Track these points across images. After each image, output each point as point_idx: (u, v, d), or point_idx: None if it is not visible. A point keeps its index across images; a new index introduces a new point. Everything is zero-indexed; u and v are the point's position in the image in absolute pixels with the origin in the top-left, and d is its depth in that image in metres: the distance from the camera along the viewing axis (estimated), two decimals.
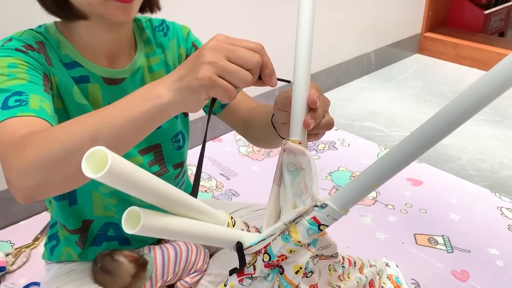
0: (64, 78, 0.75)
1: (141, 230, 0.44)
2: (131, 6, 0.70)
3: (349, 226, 1.56)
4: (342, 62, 2.64)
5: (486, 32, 3.17)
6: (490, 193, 1.75)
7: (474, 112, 0.44)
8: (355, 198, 0.54)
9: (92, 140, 0.54)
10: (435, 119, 0.46)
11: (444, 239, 1.51)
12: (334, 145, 2.07)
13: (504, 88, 0.42)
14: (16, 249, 1.40)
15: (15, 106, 0.62)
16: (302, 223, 0.57)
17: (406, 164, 0.49)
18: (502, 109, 2.44)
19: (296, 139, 0.61)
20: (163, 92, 0.54)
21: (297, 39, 0.63)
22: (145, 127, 0.56)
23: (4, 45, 0.70)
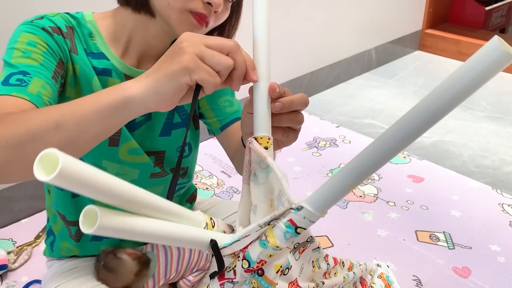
0: (86, 67, 0.75)
1: (98, 229, 0.42)
2: (200, 29, 0.71)
3: (350, 223, 1.56)
4: (343, 59, 2.64)
5: (487, 28, 3.16)
6: (491, 189, 1.75)
7: (448, 110, 0.41)
8: (331, 199, 0.52)
9: (56, 126, 0.53)
10: (410, 116, 0.44)
11: (446, 235, 1.51)
12: (335, 142, 2.07)
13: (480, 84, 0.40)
14: (17, 247, 1.40)
15: (14, 85, 0.62)
16: (279, 226, 0.55)
17: (383, 163, 0.47)
18: (504, 105, 2.43)
19: (265, 135, 0.58)
20: (131, 84, 0.53)
21: (254, 32, 0.59)
22: (110, 119, 0.54)
23: (33, 21, 0.71)
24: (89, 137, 0.55)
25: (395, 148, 0.46)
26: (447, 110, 0.41)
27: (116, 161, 0.81)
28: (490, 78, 0.39)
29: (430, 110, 0.42)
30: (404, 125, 0.44)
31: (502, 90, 2.59)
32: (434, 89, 0.42)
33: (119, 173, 0.82)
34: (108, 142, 0.78)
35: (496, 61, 0.38)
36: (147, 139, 0.83)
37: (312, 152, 1.99)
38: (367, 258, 1.40)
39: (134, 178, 0.84)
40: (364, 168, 0.48)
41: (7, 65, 0.66)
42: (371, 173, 0.49)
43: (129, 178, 0.84)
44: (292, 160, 1.92)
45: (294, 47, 2.32)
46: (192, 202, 1.04)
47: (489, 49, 0.38)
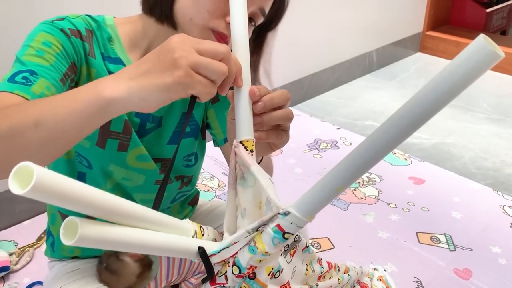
0: (102, 72, 0.75)
1: (79, 241, 0.41)
2: None
3: (352, 225, 1.56)
4: (344, 61, 2.64)
5: (488, 30, 3.16)
6: (492, 191, 1.75)
7: (435, 110, 0.40)
8: (319, 204, 0.51)
9: (35, 124, 0.52)
10: (396, 117, 0.42)
11: (447, 237, 1.51)
12: (336, 144, 2.07)
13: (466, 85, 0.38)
14: (19, 249, 1.41)
15: (19, 83, 0.62)
16: (267, 232, 0.54)
17: (371, 165, 0.46)
18: (505, 107, 2.44)
19: (250, 138, 0.57)
20: (112, 86, 0.51)
21: (233, 36, 0.59)
22: (90, 120, 0.53)
23: (54, 21, 0.71)
24: (69, 136, 0.54)
25: (383, 149, 0.45)
26: (434, 110, 0.40)
27: (123, 166, 0.81)
28: (476, 77, 0.38)
29: (417, 111, 0.41)
30: (390, 126, 0.43)
31: (502, 91, 2.59)
32: (420, 91, 0.40)
33: (125, 178, 0.82)
34: (118, 147, 0.78)
35: (483, 61, 0.37)
36: (155, 146, 0.83)
37: (313, 154, 1.99)
38: (368, 260, 1.40)
39: (139, 184, 0.84)
40: (352, 170, 0.47)
41: (17, 61, 0.66)
42: (360, 175, 0.47)
43: (135, 184, 0.84)
44: (293, 162, 1.92)
45: (296, 49, 2.32)
46: (193, 205, 1.04)
47: (475, 48, 0.37)
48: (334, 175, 0.49)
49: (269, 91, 0.60)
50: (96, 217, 0.46)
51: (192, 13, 0.70)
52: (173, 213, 0.96)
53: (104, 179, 0.82)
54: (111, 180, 0.82)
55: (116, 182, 0.83)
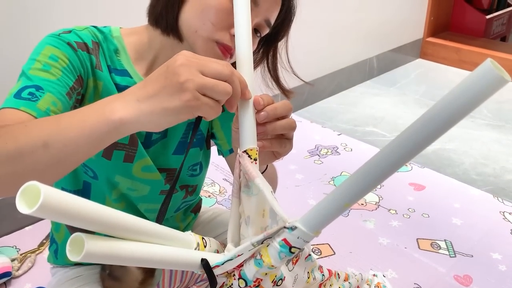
0: (109, 84, 0.75)
1: (86, 257, 0.42)
2: (223, 60, 0.71)
3: (352, 231, 1.57)
4: (345, 67, 2.65)
5: (488, 36, 3.18)
6: (492, 197, 1.76)
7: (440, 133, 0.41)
8: (326, 219, 0.51)
9: (44, 146, 0.52)
10: (402, 138, 0.43)
11: (447, 243, 1.52)
12: (337, 150, 2.08)
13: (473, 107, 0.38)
14: (21, 254, 1.41)
15: (25, 99, 0.62)
16: (273, 246, 0.54)
17: (377, 183, 0.46)
18: (505, 113, 2.44)
19: (254, 147, 0.58)
20: (121, 108, 0.51)
21: (237, 47, 0.60)
22: (98, 141, 0.53)
23: (61, 35, 0.71)
24: (78, 156, 0.55)
25: (388, 169, 0.45)
26: (439, 133, 0.41)
27: (129, 177, 0.81)
28: (482, 101, 0.38)
29: (422, 134, 0.41)
30: (397, 147, 0.44)
31: (502, 98, 2.60)
32: (425, 113, 0.41)
33: (130, 188, 0.83)
34: (124, 158, 0.79)
35: (489, 85, 0.37)
36: (160, 156, 0.84)
37: (314, 160, 2.00)
38: (368, 266, 1.41)
39: (144, 194, 0.85)
40: (359, 187, 0.47)
41: (23, 76, 0.66)
42: (367, 192, 0.48)
43: (140, 194, 0.84)
44: (294, 168, 1.93)
45: (296, 55, 2.33)
46: (196, 213, 1.04)
47: (482, 72, 0.37)
48: (341, 191, 0.49)
49: (273, 101, 0.61)
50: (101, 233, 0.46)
51: (197, 25, 0.71)
52: (176, 221, 0.97)
53: (109, 189, 0.82)
54: (116, 190, 0.83)
55: (121, 192, 0.83)
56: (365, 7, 2.62)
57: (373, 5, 2.67)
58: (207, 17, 0.70)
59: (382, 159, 0.45)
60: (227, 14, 0.69)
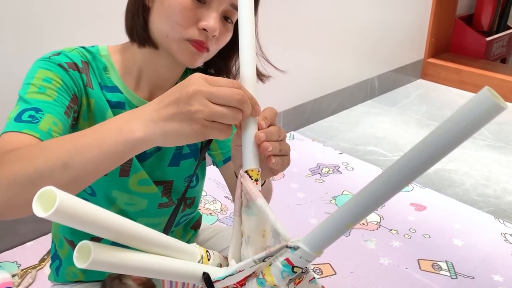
0: (101, 101, 0.77)
1: (92, 264, 0.44)
2: (201, 55, 0.74)
3: (353, 251, 1.56)
4: (346, 86, 2.68)
5: (488, 58, 3.21)
6: (493, 219, 1.76)
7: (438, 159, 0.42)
8: (328, 239, 0.51)
9: (63, 167, 0.54)
10: (401, 162, 0.44)
11: (448, 265, 1.51)
12: (338, 169, 2.09)
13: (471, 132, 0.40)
14: (22, 270, 1.41)
15: (26, 121, 0.64)
16: (276, 265, 0.55)
17: (379, 204, 0.47)
18: (506, 134, 2.45)
19: (255, 168, 0.59)
20: (138, 128, 0.54)
21: (241, 69, 0.61)
22: (117, 159, 0.56)
23: (51, 57, 0.73)
24: (96, 174, 0.57)
25: (390, 191, 0.46)
26: (438, 157, 0.42)
27: (126, 191, 0.82)
28: (479, 128, 0.39)
29: (422, 158, 0.43)
30: (398, 170, 0.45)
31: (503, 119, 2.62)
32: (425, 137, 0.43)
33: (128, 203, 0.84)
34: (119, 172, 0.80)
35: (486, 112, 0.38)
36: (156, 169, 0.85)
37: (316, 179, 2.01)
38: (369, 286, 1.40)
39: (142, 208, 0.85)
40: (362, 208, 0.48)
41: (21, 100, 0.68)
42: (369, 213, 0.49)
43: (138, 208, 0.85)
44: (295, 186, 1.93)
45: (298, 74, 2.36)
46: (196, 229, 1.05)
47: (479, 99, 0.38)
48: (344, 211, 0.50)
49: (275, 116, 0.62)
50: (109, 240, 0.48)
51: (166, 30, 0.73)
52: (176, 237, 0.97)
53: (108, 205, 0.83)
54: (115, 206, 0.84)
55: (120, 208, 0.84)
56: (367, 28, 2.66)
57: (374, 26, 2.70)
58: (173, 19, 0.71)
59: (383, 181, 0.47)
60: (190, 10, 0.71)
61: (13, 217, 0.58)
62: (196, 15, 0.71)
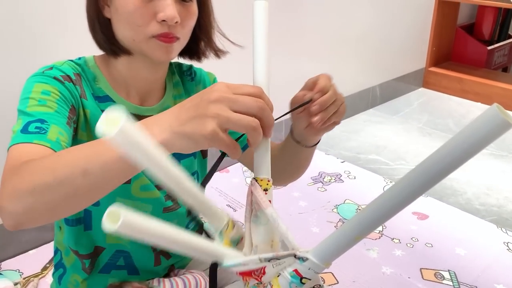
0: (96, 111, 0.78)
1: (121, 227, 0.46)
2: (172, 47, 0.73)
3: (355, 260, 1.56)
4: (348, 95, 2.69)
5: (489, 67, 3.22)
6: (496, 228, 1.76)
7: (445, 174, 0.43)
8: (337, 251, 0.52)
9: (83, 174, 0.55)
10: (417, 171, 0.45)
11: (451, 274, 1.51)
12: (340, 178, 2.09)
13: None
14: (24, 278, 1.41)
15: (34, 133, 0.64)
16: (284, 276, 0.55)
17: (388, 217, 0.48)
18: (508, 143, 2.45)
19: (265, 177, 0.60)
20: (158, 134, 0.54)
21: (254, 77, 0.62)
22: (135, 165, 0.56)
23: (45, 72, 0.74)
24: (115, 181, 0.57)
25: (398, 205, 0.47)
26: (446, 173, 0.43)
27: (129, 197, 0.83)
28: (487, 145, 0.40)
29: (430, 173, 0.44)
30: (406, 185, 0.46)
31: None
32: (434, 153, 0.43)
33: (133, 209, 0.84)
34: None
35: (495, 130, 0.39)
36: None
37: (318, 187, 2.01)
38: None
39: (147, 214, 0.86)
40: (370, 221, 0.49)
41: (23, 114, 0.68)
42: (377, 226, 0.50)
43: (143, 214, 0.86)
44: (297, 195, 1.93)
45: (300, 83, 2.36)
46: None
47: (488, 117, 0.39)
48: (353, 224, 0.50)
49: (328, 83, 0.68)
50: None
51: (130, 35, 0.73)
52: None
53: None
54: None
55: None
56: (368, 36, 2.67)
57: (376, 35, 2.72)
58: (131, 22, 0.72)
59: (392, 195, 0.48)
60: (143, 7, 0.70)
61: (32, 225, 0.59)
62: (151, 10, 0.70)
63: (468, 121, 2.29)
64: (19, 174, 0.57)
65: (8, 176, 0.59)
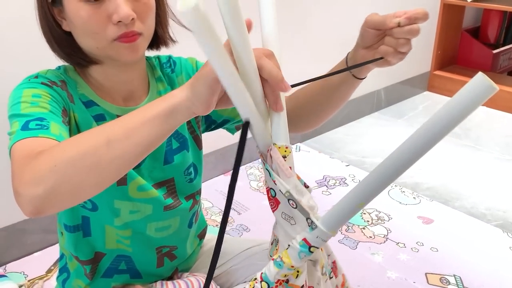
0: (84, 115, 0.78)
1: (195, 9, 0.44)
2: (137, 44, 0.73)
3: (360, 264, 1.55)
4: (353, 98, 2.67)
5: (495, 70, 3.20)
6: (502, 232, 1.74)
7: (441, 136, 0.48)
8: (343, 218, 0.56)
9: (107, 142, 0.55)
10: (414, 137, 0.50)
11: (456, 279, 1.50)
12: (345, 181, 2.08)
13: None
14: (29, 281, 1.42)
15: (36, 129, 0.63)
16: (293, 246, 0.59)
17: (390, 181, 0.52)
18: None
19: (283, 144, 0.60)
20: (177, 92, 0.56)
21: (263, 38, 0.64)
22: (159, 128, 0.56)
23: (31, 80, 0.74)
24: (139, 148, 0.56)
25: (398, 170, 0.51)
26: (442, 135, 0.48)
27: (127, 199, 0.83)
28: (477, 107, 0.46)
29: (429, 135, 0.49)
30: (408, 146, 0.50)
31: (510, 131, 2.60)
32: (430, 119, 0.49)
33: (132, 211, 0.84)
34: (117, 182, 0.81)
35: (482, 93, 0.45)
36: (154, 170, 0.85)
37: (322, 191, 2.00)
38: None
39: (148, 213, 0.86)
40: (372, 187, 0.53)
41: (18, 116, 0.66)
42: (379, 192, 0.53)
43: (144, 214, 0.85)
44: None
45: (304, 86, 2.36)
46: (201, 239, 1.05)
47: (474, 83, 0.45)
48: (356, 191, 0.54)
49: None
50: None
51: (92, 43, 0.73)
52: (190, 242, 0.98)
53: (112, 217, 0.83)
54: (119, 218, 0.84)
55: (125, 220, 0.84)
56: None
57: None
58: (88, 31, 0.71)
59: (392, 161, 0.51)
60: (94, 14, 0.69)
61: (53, 210, 0.57)
62: (104, 14, 0.69)
63: (473, 124, 2.28)
64: (36, 158, 0.56)
65: (23, 164, 0.57)
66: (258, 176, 2.08)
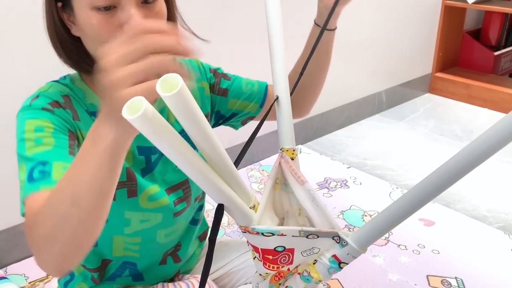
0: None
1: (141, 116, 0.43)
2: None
3: (361, 267, 1.55)
4: (354, 100, 2.68)
5: (496, 72, 3.20)
6: (503, 234, 1.74)
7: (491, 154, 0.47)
8: (374, 237, 0.56)
9: (71, 204, 0.55)
10: (453, 161, 0.49)
11: (458, 281, 1.49)
12: (346, 184, 2.08)
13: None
14: (30, 283, 1.42)
15: (39, 179, 0.64)
16: (322, 262, 0.58)
17: (424, 203, 0.53)
18: None
19: (290, 148, 0.61)
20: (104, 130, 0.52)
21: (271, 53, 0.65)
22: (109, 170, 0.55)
23: (32, 104, 0.72)
24: (103, 194, 0.57)
25: (436, 190, 0.51)
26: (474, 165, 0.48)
27: (137, 210, 0.82)
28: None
29: (463, 163, 0.49)
30: (440, 174, 0.50)
31: None
32: (464, 148, 0.48)
33: (143, 220, 0.83)
34: (127, 194, 0.80)
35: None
36: (167, 173, 0.85)
37: (323, 193, 2.00)
38: None
39: (158, 221, 0.85)
40: (407, 208, 0.53)
41: (24, 159, 0.67)
42: (413, 212, 0.54)
43: (154, 223, 0.85)
44: None
45: None
46: (202, 240, 1.05)
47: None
48: (390, 212, 0.55)
49: None
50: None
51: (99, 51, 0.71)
52: (191, 245, 0.97)
53: (122, 227, 0.83)
54: (129, 228, 0.83)
55: (135, 229, 0.84)
56: (374, 42, 2.67)
57: (382, 40, 2.72)
58: (100, 41, 0.67)
59: (427, 183, 0.52)
60: (107, 23, 0.67)
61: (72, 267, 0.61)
62: (115, 23, 0.67)
63: (475, 127, 2.28)
64: (33, 229, 0.59)
65: (29, 235, 0.61)
66: (259, 178, 2.08)
